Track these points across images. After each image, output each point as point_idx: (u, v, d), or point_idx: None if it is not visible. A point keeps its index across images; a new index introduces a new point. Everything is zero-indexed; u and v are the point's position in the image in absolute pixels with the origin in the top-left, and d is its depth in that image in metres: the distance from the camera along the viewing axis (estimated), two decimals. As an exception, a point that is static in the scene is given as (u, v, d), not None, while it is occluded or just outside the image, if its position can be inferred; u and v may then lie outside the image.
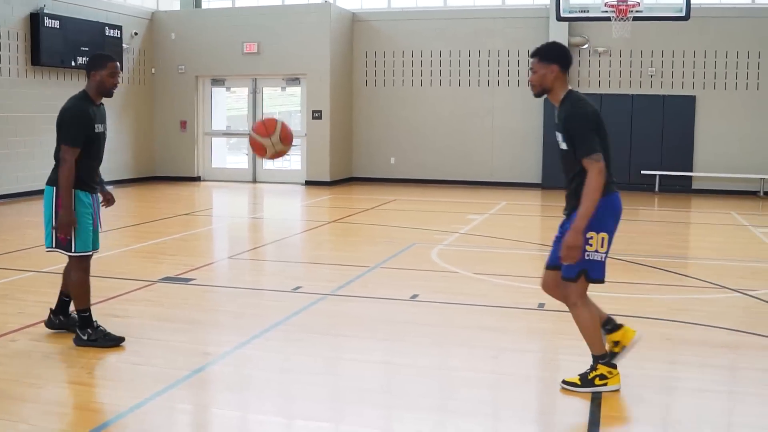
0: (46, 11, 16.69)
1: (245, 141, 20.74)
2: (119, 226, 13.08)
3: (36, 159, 16.72)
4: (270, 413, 4.82)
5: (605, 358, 5.04)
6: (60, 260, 9.31)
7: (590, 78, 18.97)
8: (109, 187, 18.71)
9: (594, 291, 5.05)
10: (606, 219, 4.87)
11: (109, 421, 4.54)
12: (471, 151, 19.71)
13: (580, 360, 5.26)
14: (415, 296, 7.61)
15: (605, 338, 5.14)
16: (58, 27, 16.95)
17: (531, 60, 5.14)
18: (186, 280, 8.30)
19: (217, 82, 20.64)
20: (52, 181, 6.04)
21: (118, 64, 6.19)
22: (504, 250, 10.67)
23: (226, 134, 21.62)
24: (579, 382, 5.04)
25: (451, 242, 11.03)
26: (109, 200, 6.67)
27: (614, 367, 5.05)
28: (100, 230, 6.44)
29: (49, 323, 6.39)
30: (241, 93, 21.61)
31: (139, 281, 8.19)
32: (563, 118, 4.92)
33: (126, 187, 18.98)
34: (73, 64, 17.38)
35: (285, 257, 10.42)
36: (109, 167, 18.90)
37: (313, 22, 19.30)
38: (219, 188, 19.36)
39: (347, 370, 5.58)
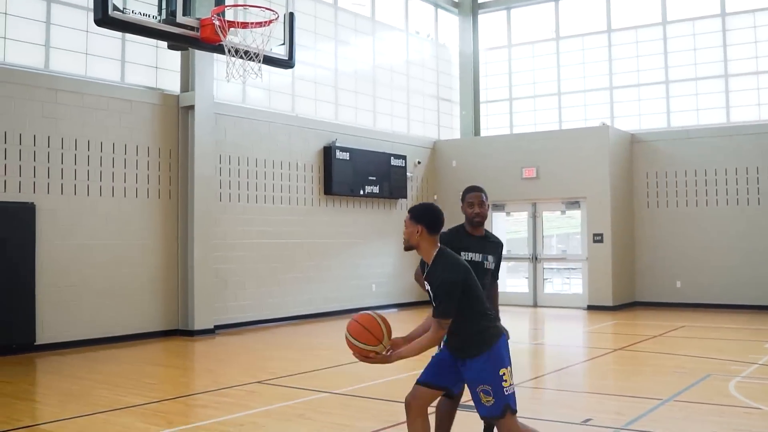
0: (337, 144, 17.89)
1: (524, 265, 20.77)
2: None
3: (326, 283, 17.69)
4: None
5: None
6: (353, 382, 9.66)
7: None
8: (391, 311, 19.12)
9: None
10: (506, 355, 5.27)
11: None
12: (763, 273, 18.45)
13: None
14: (714, 434, 7.12)
15: None
16: (347, 158, 18.08)
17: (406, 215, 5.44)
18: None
19: (497, 206, 20.95)
20: None
21: (478, 194, 6.30)
22: (811, 384, 9.78)
23: (507, 258, 21.73)
24: None
25: (750, 374, 10.25)
26: None
27: None
28: None
29: None
30: (520, 217, 21.78)
31: (426, 407, 8.26)
32: (437, 280, 5.27)
33: (409, 310, 19.50)
34: (361, 192, 18.39)
35: (570, 386, 10.15)
36: (394, 290, 19.62)
37: (592, 145, 19.24)
38: (499, 312, 19.32)
39: None
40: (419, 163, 20.81)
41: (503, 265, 21.13)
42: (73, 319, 13.16)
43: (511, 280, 22.29)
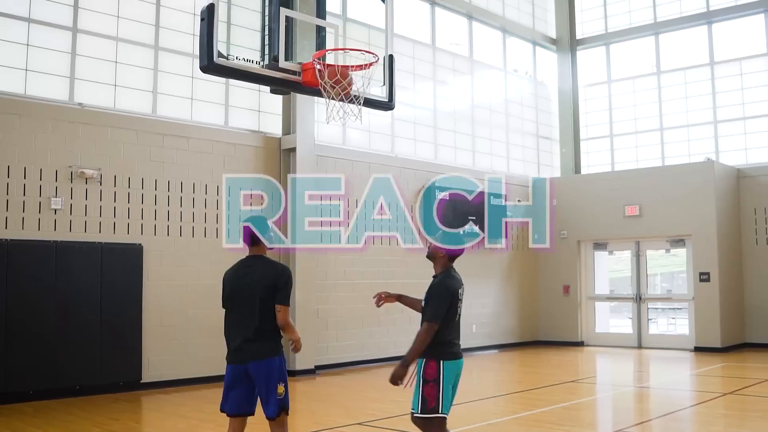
0: (437, 184, 17.91)
1: (628, 305, 20.35)
2: (507, 391, 13.26)
3: (426, 323, 17.56)
4: None
5: None
6: (456, 425, 9.54)
7: None
8: (492, 352, 19.00)
9: None
10: None
11: None
12: None
13: None
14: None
15: None
16: (447, 198, 18.06)
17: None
18: None
19: (599, 245, 20.62)
20: None
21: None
22: None
23: (609, 298, 21.32)
24: None
25: None
26: None
27: None
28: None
29: None
30: (623, 255, 21.38)
31: (529, 452, 8.12)
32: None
33: (510, 351, 19.30)
34: (461, 232, 18.32)
35: None
36: (495, 332, 19.45)
37: (697, 181, 18.76)
38: (602, 354, 18.99)
39: None
40: (519, 201, 20.66)
41: (605, 305, 20.92)
42: (177, 358, 13.43)
43: (614, 321, 21.86)
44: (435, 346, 6.08)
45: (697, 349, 18.42)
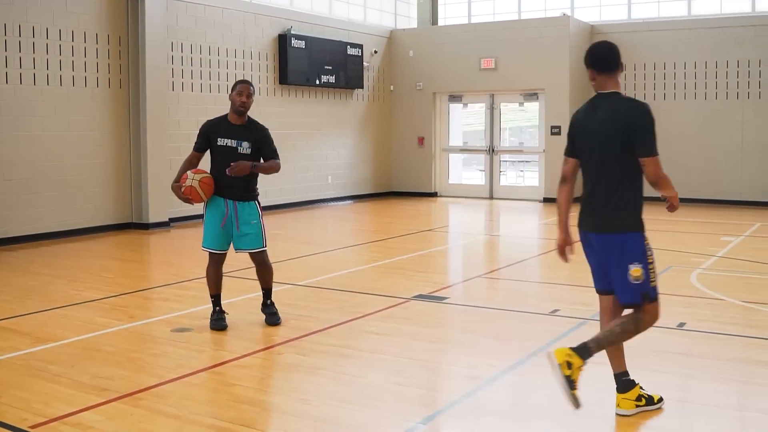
0: (292, 32, 17.41)
1: (481, 157, 20.71)
2: (364, 241, 13.35)
3: (281, 174, 17.29)
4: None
5: None
6: (315, 273, 9.54)
7: None
8: (347, 203, 19.12)
9: None
10: None
11: (384, 445, 4.49)
12: (719, 168, 18.50)
13: None
14: (682, 324, 7.14)
15: None
16: (303, 47, 17.62)
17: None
18: (440, 299, 8.24)
19: (454, 98, 20.71)
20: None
21: (247, 86, 7.27)
22: (769, 275, 9.91)
23: (463, 150, 21.62)
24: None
25: (710, 266, 10.35)
26: None
27: None
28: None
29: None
30: (474, 108, 21.61)
31: (392, 298, 8.20)
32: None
33: (365, 202, 19.41)
34: (317, 82, 18.00)
35: (535, 278, 10.17)
36: (349, 182, 19.46)
37: (551, 36, 18.95)
38: (455, 204, 19.38)
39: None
40: (375, 52, 20.37)
41: (458, 157, 21.22)
42: (23, 213, 12.77)
43: (467, 173, 22.25)
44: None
45: (546, 200, 19.04)
